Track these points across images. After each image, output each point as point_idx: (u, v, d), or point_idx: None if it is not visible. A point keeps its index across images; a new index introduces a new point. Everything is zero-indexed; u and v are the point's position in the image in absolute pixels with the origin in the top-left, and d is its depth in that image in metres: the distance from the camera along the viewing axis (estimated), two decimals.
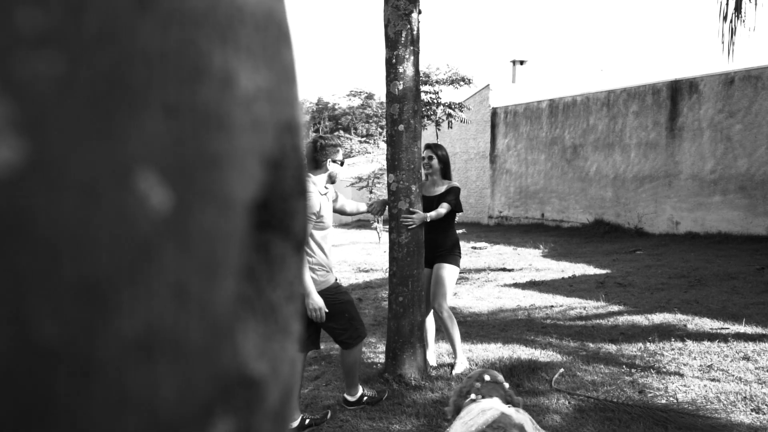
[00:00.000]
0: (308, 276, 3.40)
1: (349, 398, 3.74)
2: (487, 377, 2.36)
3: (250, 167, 0.27)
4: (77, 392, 0.20)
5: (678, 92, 11.86)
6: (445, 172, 4.40)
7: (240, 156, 0.26)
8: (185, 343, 0.23)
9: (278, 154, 0.29)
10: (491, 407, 2.12)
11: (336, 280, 3.63)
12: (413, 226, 4.09)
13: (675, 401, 3.54)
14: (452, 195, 4.26)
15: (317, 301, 3.39)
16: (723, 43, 7.01)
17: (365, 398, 3.75)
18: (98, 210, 0.21)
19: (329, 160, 3.56)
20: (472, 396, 2.28)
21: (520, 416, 2.13)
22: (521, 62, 19.11)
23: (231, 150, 0.25)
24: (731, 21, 6.96)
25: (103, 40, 0.21)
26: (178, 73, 0.23)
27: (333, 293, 3.53)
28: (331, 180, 3.63)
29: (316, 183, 3.50)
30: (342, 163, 3.65)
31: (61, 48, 0.20)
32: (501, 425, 1.99)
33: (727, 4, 6.97)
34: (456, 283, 7.95)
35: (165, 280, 0.23)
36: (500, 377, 2.45)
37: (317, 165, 3.55)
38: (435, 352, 4.57)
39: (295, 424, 3.47)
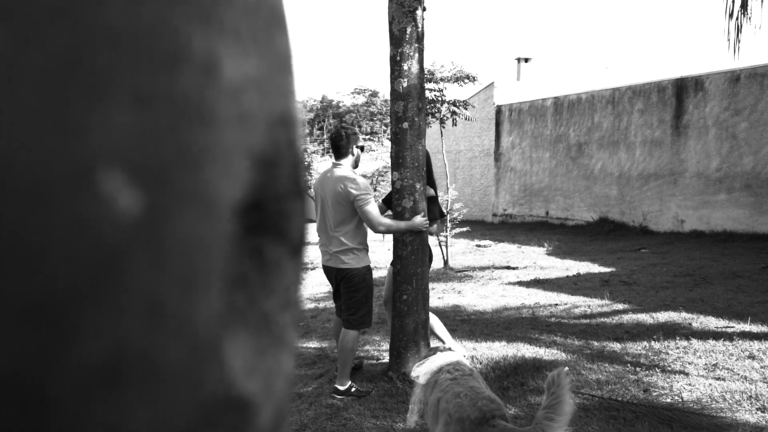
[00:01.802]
0: (391, 221, 3.97)
1: (340, 387, 3.90)
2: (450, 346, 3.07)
3: (237, 166, 0.24)
4: (30, 430, 0.18)
5: (683, 90, 11.80)
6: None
7: (225, 153, 0.23)
8: (161, 366, 0.21)
9: (270, 150, 0.26)
10: (453, 354, 2.84)
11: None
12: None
13: (680, 400, 3.52)
14: (434, 206, 4.37)
15: (413, 223, 3.97)
16: (729, 40, 6.95)
17: (353, 389, 3.90)
18: (53, 216, 0.18)
19: (354, 146, 3.93)
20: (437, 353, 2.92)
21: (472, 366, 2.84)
22: (526, 60, 19.05)
23: (214, 146, 0.23)
24: (737, 18, 6.91)
25: (59, 14, 0.18)
26: (152, 56, 0.21)
27: (365, 273, 3.94)
28: (356, 164, 3.99)
29: (352, 170, 3.93)
30: (362, 149, 4.02)
31: (7, 22, 0.18)
32: (456, 365, 2.66)
33: (733, 1, 6.92)
34: (460, 281, 7.95)
35: (136, 295, 0.20)
36: None
37: (344, 153, 3.91)
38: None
39: (343, 388, 3.89)
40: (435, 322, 4.32)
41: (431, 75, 9.00)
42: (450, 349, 3.02)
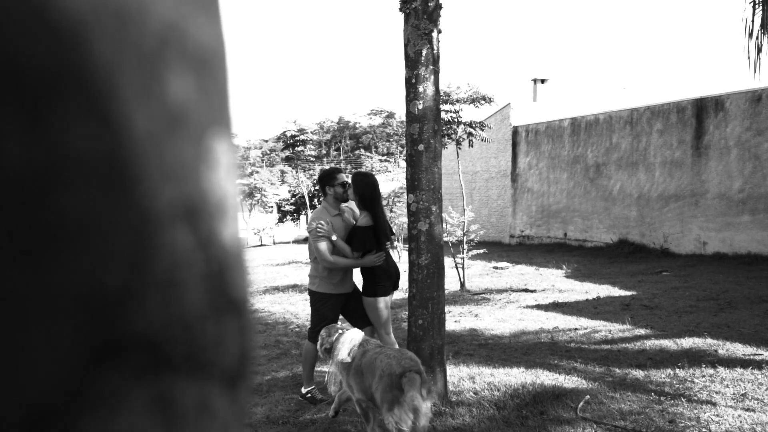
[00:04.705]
0: (337, 258, 4.14)
1: (303, 390, 4.38)
2: (341, 325, 3.66)
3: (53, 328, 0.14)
4: None
5: (703, 110, 11.66)
6: (362, 203, 4.22)
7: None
8: None
9: (144, 265, 0.16)
10: (358, 332, 3.48)
11: (328, 293, 4.29)
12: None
13: None
14: (356, 236, 4.18)
15: (361, 261, 4.11)
16: (749, 59, 6.89)
17: (308, 396, 4.33)
18: None
19: (326, 186, 4.33)
20: (340, 330, 3.52)
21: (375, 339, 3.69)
22: (542, 81, 19.01)
23: None
24: (757, 37, 6.84)
25: None
26: None
27: (319, 298, 4.28)
28: (337, 199, 4.31)
29: (326, 207, 4.31)
30: (342, 184, 4.30)
31: None
32: (368, 341, 3.42)
33: (752, 20, 6.85)
34: (477, 304, 7.84)
35: None
36: None
37: (323, 193, 4.42)
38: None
39: (304, 391, 4.35)
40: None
41: (447, 96, 8.98)
42: (346, 329, 3.58)
